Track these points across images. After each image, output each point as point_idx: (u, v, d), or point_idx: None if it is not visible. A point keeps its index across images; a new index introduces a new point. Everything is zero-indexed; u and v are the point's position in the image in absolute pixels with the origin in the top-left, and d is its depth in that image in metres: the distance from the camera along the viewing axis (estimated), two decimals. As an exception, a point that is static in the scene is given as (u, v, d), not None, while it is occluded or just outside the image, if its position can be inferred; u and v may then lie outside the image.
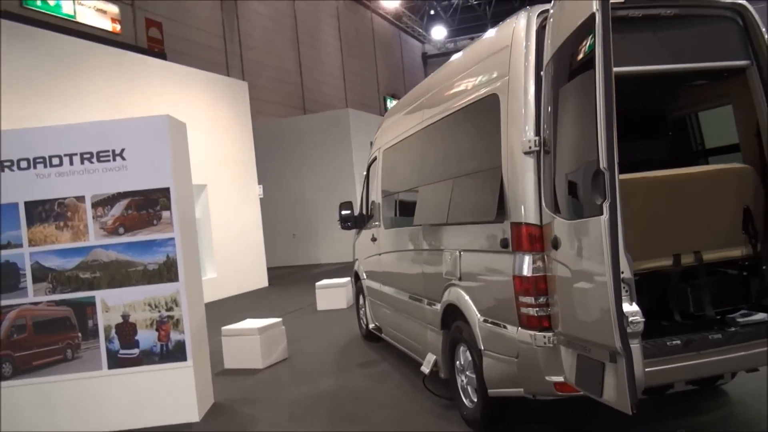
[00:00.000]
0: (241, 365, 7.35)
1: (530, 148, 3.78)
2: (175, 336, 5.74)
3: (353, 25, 34.48)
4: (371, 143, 7.98)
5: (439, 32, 37.56)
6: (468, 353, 4.77)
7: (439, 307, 5.22)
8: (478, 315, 4.50)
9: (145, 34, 18.25)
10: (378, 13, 36.44)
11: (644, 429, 4.40)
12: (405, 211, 6.45)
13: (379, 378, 6.58)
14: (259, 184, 16.51)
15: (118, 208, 5.74)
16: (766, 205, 4.24)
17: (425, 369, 5.52)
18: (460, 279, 4.74)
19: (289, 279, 17.87)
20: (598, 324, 3.04)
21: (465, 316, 4.68)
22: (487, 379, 4.39)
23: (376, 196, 7.25)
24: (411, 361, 6.69)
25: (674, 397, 4.74)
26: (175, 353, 5.73)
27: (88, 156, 5.67)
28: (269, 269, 17.07)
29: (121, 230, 5.75)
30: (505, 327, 4.10)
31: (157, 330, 5.74)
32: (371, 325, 7.93)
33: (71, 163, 5.66)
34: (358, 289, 8.56)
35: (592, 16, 2.98)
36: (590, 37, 3.09)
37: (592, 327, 3.15)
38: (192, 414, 5.72)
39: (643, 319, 2.99)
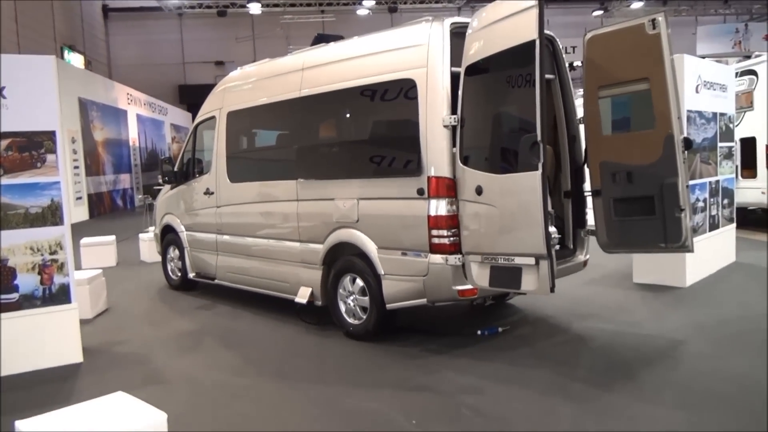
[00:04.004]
0: (67, 316, 7.26)
1: (450, 123, 5.24)
2: (59, 279, 5.76)
3: (27, -40, 30.60)
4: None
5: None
6: (359, 281, 6.04)
7: (321, 246, 6.35)
8: (377, 248, 5.82)
9: None
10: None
11: (473, 327, 6.21)
12: (269, 167, 7.29)
13: (232, 316, 7.34)
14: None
15: (-5, 148, 5.49)
16: (556, 172, 6.42)
17: (301, 300, 6.58)
18: (357, 221, 5.96)
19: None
20: (528, 240, 4.67)
21: (361, 251, 5.94)
22: (386, 296, 5.75)
23: (215, 153, 7.82)
24: (252, 300, 7.63)
25: (482, 308, 6.80)
26: (59, 296, 5.77)
27: (-42, 90, 5.32)
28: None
29: (0, 171, 5.51)
30: (416, 255, 5.50)
31: (39, 274, 5.68)
32: (191, 274, 8.45)
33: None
34: (168, 242, 8.92)
35: (532, 41, 4.55)
36: (521, 55, 4.67)
37: (520, 243, 4.78)
38: (76, 355, 5.83)
39: (560, 236, 4.74)
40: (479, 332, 6.10)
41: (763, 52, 13.87)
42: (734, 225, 9.32)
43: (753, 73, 12.28)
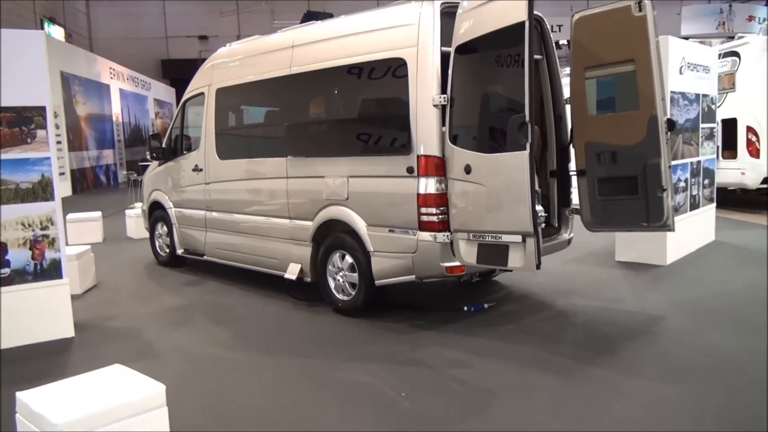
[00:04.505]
0: (57, 291, 7.29)
1: (440, 102, 5.31)
2: (50, 254, 5.80)
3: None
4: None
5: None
6: (348, 257, 6.14)
7: (311, 224, 6.42)
8: (366, 225, 5.90)
9: None
10: None
11: (460, 303, 6.34)
12: (258, 144, 7.33)
13: (221, 292, 7.41)
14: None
15: (-15, 123, 5.48)
16: (542, 151, 6.53)
17: (291, 276, 6.66)
18: (347, 199, 6.04)
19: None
20: (515, 218, 4.78)
21: (351, 228, 6.03)
22: (375, 272, 5.86)
23: (204, 130, 7.82)
24: (241, 276, 7.70)
25: (469, 284, 6.93)
26: (50, 271, 5.80)
27: (-50, 65, 5.30)
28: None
29: (-9, 146, 5.51)
30: (405, 232, 5.59)
31: (30, 249, 5.71)
32: (179, 251, 8.50)
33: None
34: (156, 219, 8.94)
35: (522, 23, 4.62)
36: (510, 36, 4.73)
37: (507, 221, 4.88)
38: (68, 330, 5.89)
39: (546, 214, 4.86)
40: (466, 308, 6.24)
41: (746, 33, 14.04)
42: (714, 205, 9.52)
43: (736, 54, 12.43)
